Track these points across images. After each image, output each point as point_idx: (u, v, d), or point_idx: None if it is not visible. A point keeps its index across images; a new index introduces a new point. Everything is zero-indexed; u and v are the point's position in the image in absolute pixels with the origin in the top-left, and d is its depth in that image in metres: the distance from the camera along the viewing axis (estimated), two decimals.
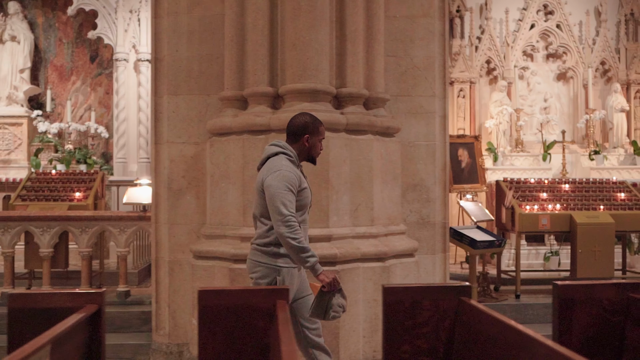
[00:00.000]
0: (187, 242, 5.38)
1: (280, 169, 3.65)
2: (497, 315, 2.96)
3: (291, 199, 3.62)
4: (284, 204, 3.58)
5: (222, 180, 5.17)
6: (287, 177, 3.62)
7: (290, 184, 3.62)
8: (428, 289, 3.32)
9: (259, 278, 3.78)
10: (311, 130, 3.82)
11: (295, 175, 3.67)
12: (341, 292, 3.76)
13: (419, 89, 5.60)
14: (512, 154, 9.27)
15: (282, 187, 3.59)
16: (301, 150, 3.83)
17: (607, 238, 6.38)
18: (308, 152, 3.86)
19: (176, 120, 5.48)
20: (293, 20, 4.96)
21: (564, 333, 3.32)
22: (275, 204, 3.59)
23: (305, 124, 3.83)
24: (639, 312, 3.22)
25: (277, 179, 3.61)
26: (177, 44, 5.47)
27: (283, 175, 3.62)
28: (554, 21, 9.92)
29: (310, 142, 3.83)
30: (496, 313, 3.00)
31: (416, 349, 3.34)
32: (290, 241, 3.57)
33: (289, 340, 2.47)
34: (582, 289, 3.32)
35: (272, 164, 3.73)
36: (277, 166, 3.67)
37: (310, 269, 3.65)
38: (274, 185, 3.61)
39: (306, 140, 3.82)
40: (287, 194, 3.60)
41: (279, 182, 3.60)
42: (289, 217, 3.57)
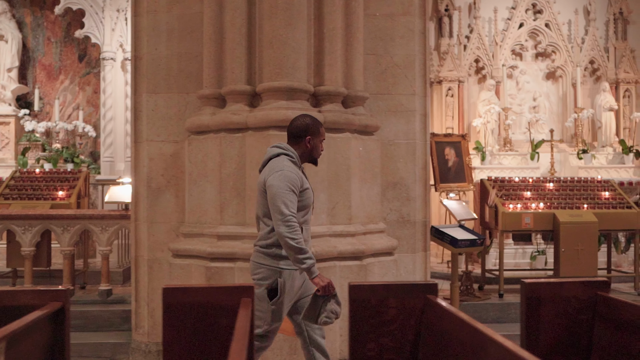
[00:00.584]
0: (166, 240, 5.37)
1: (282, 169, 3.67)
2: (459, 314, 2.96)
3: (292, 199, 3.63)
4: (285, 203, 3.59)
5: (200, 178, 5.16)
6: (289, 178, 3.64)
7: (292, 184, 3.64)
8: (394, 287, 3.31)
9: (261, 279, 3.78)
10: (312, 131, 3.86)
11: (297, 175, 3.70)
12: (336, 297, 3.75)
13: (399, 87, 5.59)
14: (501, 152, 9.26)
15: (283, 187, 3.61)
16: (303, 151, 3.86)
17: (590, 237, 6.38)
18: (310, 153, 3.89)
19: (155, 119, 5.47)
20: (270, 19, 4.96)
21: (532, 331, 3.32)
22: (276, 203, 3.60)
23: (306, 125, 3.86)
24: (607, 310, 3.22)
25: (279, 179, 3.63)
26: (156, 42, 5.46)
27: (285, 176, 3.64)
28: (542, 20, 9.91)
29: (311, 144, 3.87)
30: (460, 312, 3.00)
31: (382, 347, 3.33)
32: (289, 241, 3.57)
33: (241, 338, 2.46)
34: (549, 287, 3.32)
35: (274, 164, 3.75)
36: (279, 167, 3.70)
37: (306, 271, 3.65)
38: (275, 185, 3.62)
39: (308, 141, 3.85)
40: (288, 194, 3.61)
41: (281, 182, 3.62)
42: (289, 217, 3.58)
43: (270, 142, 4.81)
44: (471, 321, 2.74)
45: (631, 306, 3.02)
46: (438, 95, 9.64)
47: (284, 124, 4.83)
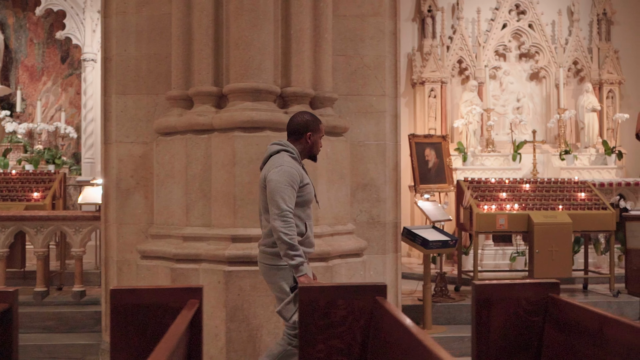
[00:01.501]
0: (136, 241, 5.37)
1: (282, 164, 3.74)
2: (400, 317, 2.95)
3: (291, 194, 3.68)
4: (283, 198, 3.65)
5: (167, 179, 5.16)
6: (289, 173, 3.70)
7: (291, 179, 3.70)
8: (343, 289, 3.31)
9: (280, 281, 3.81)
10: (312, 128, 3.93)
11: (297, 171, 3.76)
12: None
13: (369, 88, 5.59)
14: (483, 153, 9.24)
15: (283, 182, 3.67)
16: (303, 148, 3.93)
17: (564, 238, 6.36)
18: (310, 149, 3.96)
19: (125, 120, 5.47)
20: (236, 20, 4.95)
21: (482, 333, 3.30)
22: (274, 197, 3.67)
23: (306, 122, 3.93)
24: (558, 312, 3.20)
25: (279, 174, 3.69)
26: (125, 43, 5.46)
27: (285, 171, 3.70)
28: (526, 21, 9.90)
29: (312, 140, 3.93)
30: (401, 315, 2.99)
31: (331, 349, 3.33)
32: (283, 236, 3.63)
33: (169, 339, 2.45)
34: (500, 289, 3.30)
35: (275, 160, 3.81)
36: (279, 162, 3.76)
37: (294, 268, 3.68)
38: (275, 180, 3.69)
39: (308, 137, 3.92)
40: (287, 189, 3.67)
41: (281, 177, 3.68)
42: (286, 212, 3.64)
43: (235, 144, 4.83)
44: (409, 325, 2.74)
45: (578, 308, 3.00)
46: (421, 96, 9.63)
47: (248, 125, 4.85)
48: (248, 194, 4.79)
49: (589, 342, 2.92)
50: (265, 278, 3.93)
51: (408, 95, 9.89)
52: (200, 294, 3.33)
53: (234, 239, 4.74)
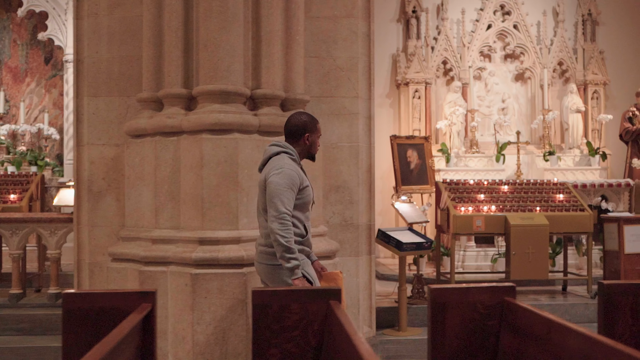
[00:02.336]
0: (107, 244, 5.36)
1: (283, 167, 3.75)
2: (344, 322, 2.94)
3: (290, 197, 3.71)
4: (282, 201, 3.67)
5: (138, 182, 5.15)
6: (290, 176, 3.72)
7: (292, 182, 3.72)
8: (296, 293, 3.30)
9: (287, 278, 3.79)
10: (310, 128, 3.95)
11: (297, 173, 3.78)
12: None
13: (342, 90, 5.58)
14: (467, 155, 9.22)
15: (283, 185, 3.69)
16: (302, 148, 3.96)
17: (540, 239, 6.35)
18: (308, 150, 3.99)
19: (96, 122, 5.46)
20: (205, 22, 4.94)
21: (437, 337, 3.29)
22: (273, 199, 3.69)
23: (304, 123, 3.95)
24: (512, 316, 3.19)
25: (279, 177, 3.71)
26: (97, 45, 5.45)
27: (285, 174, 3.72)
28: (511, 22, 9.88)
29: (310, 140, 3.96)
30: (347, 320, 2.98)
31: (285, 353, 3.32)
32: (280, 238, 3.65)
33: (109, 341, 2.43)
34: (456, 293, 3.29)
35: (275, 162, 3.83)
36: (279, 164, 3.78)
37: (289, 270, 3.70)
38: (274, 182, 3.71)
39: (307, 138, 3.95)
40: (286, 192, 3.69)
41: (281, 180, 3.70)
42: (284, 215, 3.66)
43: (202, 146, 4.81)
44: (350, 332, 2.73)
45: (530, 312, 3.00)
46: (405, 97, 9.62)
47: (216, 127, 4.84)
48: (216, 196, 4.78)
49: (538, 346, 2.91)
50: (265, 278, 3.92)
51: (392, 96, 9.88)
52: (153, 297, 3.33)
53: (202, 242, 4.73)
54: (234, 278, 4.67)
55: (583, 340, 2.47)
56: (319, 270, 4.14)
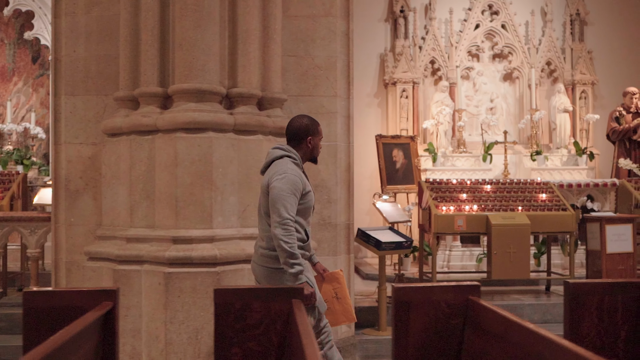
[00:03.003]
0: (85, 243, 5.34)
1: (286, 172, 3.72)
2: (300, 321, 2.94)
3: (293, 202, 3.68)
4: (285, 206, 3.65)
5: (114, 181, 5.14)
6: (292, 181, 3.70)
7: (294, 188, 3.69)
8: (259, 291, 3.29)
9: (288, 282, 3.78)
10: (312, 131, 3.92)
11: (300, 179, 3.75)
12: (315, 310, 3.82)
13: (320, 89, 5.56)
14: (454, 154, 9.21)
15: (286, 190, 3.67)
16: (304, 152, 3.92)
17: (522, 239, 6.34)
18: (311, 153, 3.95)
19: (74, 121, 5.45)
20: (180, 20, 4.93)
21: (400, 337, 3.28)
22: (276, 205, 3.66)
23: (306, 126, 3.91)
24: (476, 315, 3.18)
25: (282, 182, 3.69)
26: (74, 44, 5.44)
27: (288, 179, 3.69)
28: (499, 21, 9.87)
29: (312, 143, 3.93)
30: (304, 319, 2.97)
31: (247, 352, 3.31)
32: (283, 244, 3.63)
33: (53, 340, 2.42)
34: (420, 292, 3.28)
35: (278, 167, 3.80)
36: (282, 169, 3.75)
37: (293, 276, 3.69)
38: (277, 188, 3.68)
39: (309, 141, 3.91)
40: (289, 197, 3.67)
41: (284, 185, 3.68)
42: (287, 220, 3.64)
43: (177, 145, 4.80)
44: (301, 330, 2.73)
45: (491, 311, 2.98)
46: (393, 96, 9.61)
47: (191, 126, 4.83)
48: (190, 195, 4.77)
49: (497, 345, 2.91)
50: (264, 280, 3.89)
51: (380, 95, 9.87)
52: (115, 295, 3.31)
53: (175, 241, 4.72)
54: (207, 277, 4.66)
55: (536, 339, 2.46)
56: (321, 272, 4.14)
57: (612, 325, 3.38)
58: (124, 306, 4.83)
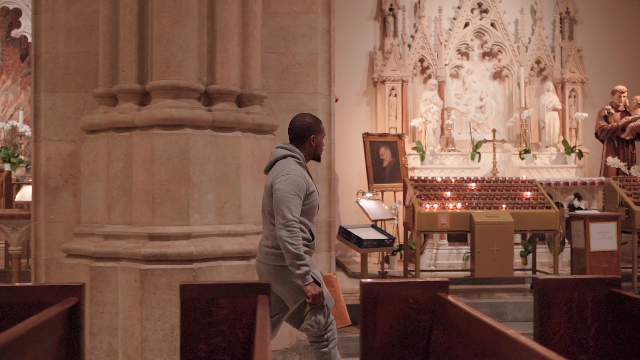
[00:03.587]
0: (64, 240, 5.33)
1: (290, 173, 3.71)
2: (259, 315, 2.92)
3: (297, 203, 3.68)
4: (289, 208, 3.64)
5: (92, 177, 5.12)
6: (296, 182, 3.69)
7: (298, 188, 3.68)
8: (225, 287, 3.27)
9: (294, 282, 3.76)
10: (315, 129, 3.90)
11: (304, 179, 3.74)
12: (324, 309, 3.81)
13: (301, 86, 5.55)
14: (443, 153, 9.18)
15: (290, 192, 3.66)
16: (308, 151, 3.91)
17: (505, 237, 6.32)
18: (314, 151, 3.94)
19: (53, 118, 5.44)
20: (158, 17, 4.91)
21: (368, 332, 3.26)
22: (280, 207, 3.66)
23: (308, 124, 3.89)
24: (443, 311, 3.16)
25: (286, 183, 3.67)
26: (54, 40, 5.43)
27: (292, 180, 3.68)
28: (488, 20, 9.84)
29: (315, 142, 3.91)
30: (262, 315, 2.95)
31: (213, 348, 3.29)
32: (289, 246, 3.62)
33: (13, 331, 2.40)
34: (387, 288, 3.26)
35: (282, 167, 3.78)
36: (286, 170, 3.73)
37: (300, 277, 3.69)
38: (281, 189, 3.67)
39: (312, 140, 3.90)
40: (293, 199, 3.66)
41: (287, 187, 3.67)
42: (291, 222, 3.63)
43: (154, 142, 4.79)
44: (260, 325, 2.72)
45: (456, 307, 2.97)
46: (382, 94, 9.58)
47: (167, 122, 4.82)
48: (167, 191, 4.75)
49: (460, 341, 2.90)
50: (271, 279, 3.85)
51: (369, 94, 9.85)
52: (81, 291, 3.29)
53: (152, 237, 4.70)
54: (183, 274, 4.65)
55: (495, 335, 2.45)
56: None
57: (581, 321, 3.37)
58: (101, 303, 4.82)
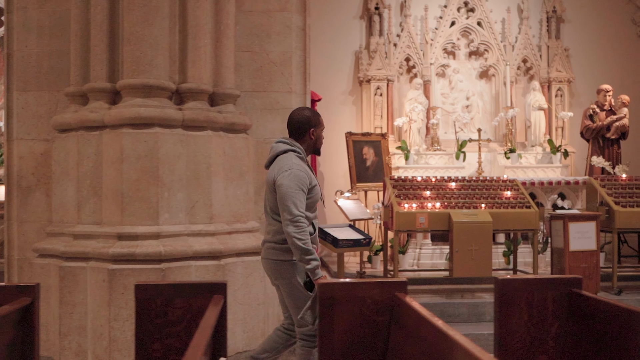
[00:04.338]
0: (36, 239, 5.31)
1: (292, 167, 3.70)
2: (207, 315, 2.90)
3: (302, 198, 3.67)
4: (295, 203, 3.63)
5: (63, 177, 5.10)
6: (299, 177, 3.67)
7: (301, 183, 3.67)
8: (181, 287, 3.25)
9: (292, 277, 3.78)
10: (314, 123, 3.89)
11: (305, 173, 3.73)
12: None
13: (275, 84, 5.53)
14: (428, 152, 9.14)
15: (293, 187, 3.65)
16: (308, 144, 3.90)
17: (484, 237, 6.28)
18: (314, 145, 3.93)
19: (25, 117, 5.41)
20: (128, 15, 4.89)
21: (326, 333, 3.24)
22: (285, 203, 3.64)
23: (307, 118, 3.89)
24: (400, 312, 3.14)
25: (289, 179, 3.66)
26: (26, 39, 5.40)
27: (295, 175, 3.67)
28: (474, 18, 9.79)
29: (315, 135, 3.90)
30: (211, 314, 2.93)
31: (167, 348, 3.27)
32: (297, 241, 3.61)
33: None
34: (344, 288, 3.24)
35: (283, 162, 3.76)
36: (288, 165, 3.72)
37: (310, 272, 3.68)
38: (285, 185, 3.65)
39: (312, 133, 3.89)
40: (298, 194, 3.65)
41: (291, 182, 3.65)
42: (298, 217, 3.62)
43: (123, 141, 4.75)
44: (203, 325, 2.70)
45: (410, 308, 2.95)
46: (367, 94, 9.54)
47: (136, 121, 4.79)
48: (136, 191, 4.72)
49: (412, 342, 2.88)
50: (273, 274, 3.88)
51: (355, 93, 9.81)
52: (34, 291, 3.27)
53: (120, 237, 4.68)
54: (151, 274, 4.62)
55: (440, 336, 2.43)
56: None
57: (542, 322, 3.35)
58: (70, 303, 4.79)
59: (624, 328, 2.71)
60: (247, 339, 5.03)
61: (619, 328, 2.76)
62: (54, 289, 4.87)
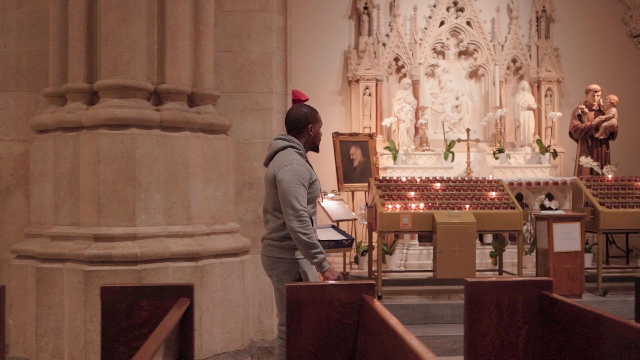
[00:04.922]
0: (15, 241, 5.28)
1: (292, 162, 3.69)
2: (168, 316, 2.88)
3: (303, 193, 3.67)
4: (297, 198, 3.62)
5: (41, 178, 5.07)
6: (299, 172, 3.67)
7: (302, 177, 3.67)
8: (146, 289, 3.23)
9: (282, 274, 3.80)
10: (312, 119, 3.89)
11: (305, 168, 3.73)
12: None
13: (256, 85, 5.51)
14: (416, 152, 9.12)
15: (294, 182, 3.64)
16: (307, 141, 3.90)
17: (467, 237, 6.25)
18: (313, 141, 3.92)
19: (5, 117, 5.39)
20: (105, 15, 4.87)
21: (293, 335, 3.22)
22: (287, 198, 3.63)
23: (305, 114, 3.88)
24: (366, 315, 3.13)
25: (289, 174, 3.65)
26: (5, 39, 5.38)
27: (295, 170, 3.67)
28: (464, 18, 9.77)
29: (313, 131, 3.90)
30: (172, 315, 2.91)
31: (134, 351, 3.24)
32: (301, 236, 3.61)
33: None
34: (312, 290, 3.22)
35: (283, 158, 3.76)
36: (287, 160, 3.72)
37: (317, 265, 3.69)
38: (286, 180, 3.65)
39: (310, 129, 3.88)
40: (299, 189, 3.64)
41: (291, 177, 3.65)
42: (301, 212, 3.62)
43: (100, 142, 4.73)
44: (167, 324, 2.68)
45: (374, 311, 2.93)
46: (356, 94, 9.52)
47: (113, 122, 4.77)
48: (112, 192, 4.70)
49: (376, 345, 2.87)
50: (268, 270, 3.90)
51: (344, 93, 9.79)
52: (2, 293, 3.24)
53: (97, 238, 4.66)
54: (128, 275, 4.60)
55: (398, 341, 2.41)
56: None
57: (512, 324, 3.32)
58: (47, 305, 4.77)
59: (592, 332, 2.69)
60: (225, 340, 5.01)
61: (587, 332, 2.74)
62: (31, 291, 4.85)
